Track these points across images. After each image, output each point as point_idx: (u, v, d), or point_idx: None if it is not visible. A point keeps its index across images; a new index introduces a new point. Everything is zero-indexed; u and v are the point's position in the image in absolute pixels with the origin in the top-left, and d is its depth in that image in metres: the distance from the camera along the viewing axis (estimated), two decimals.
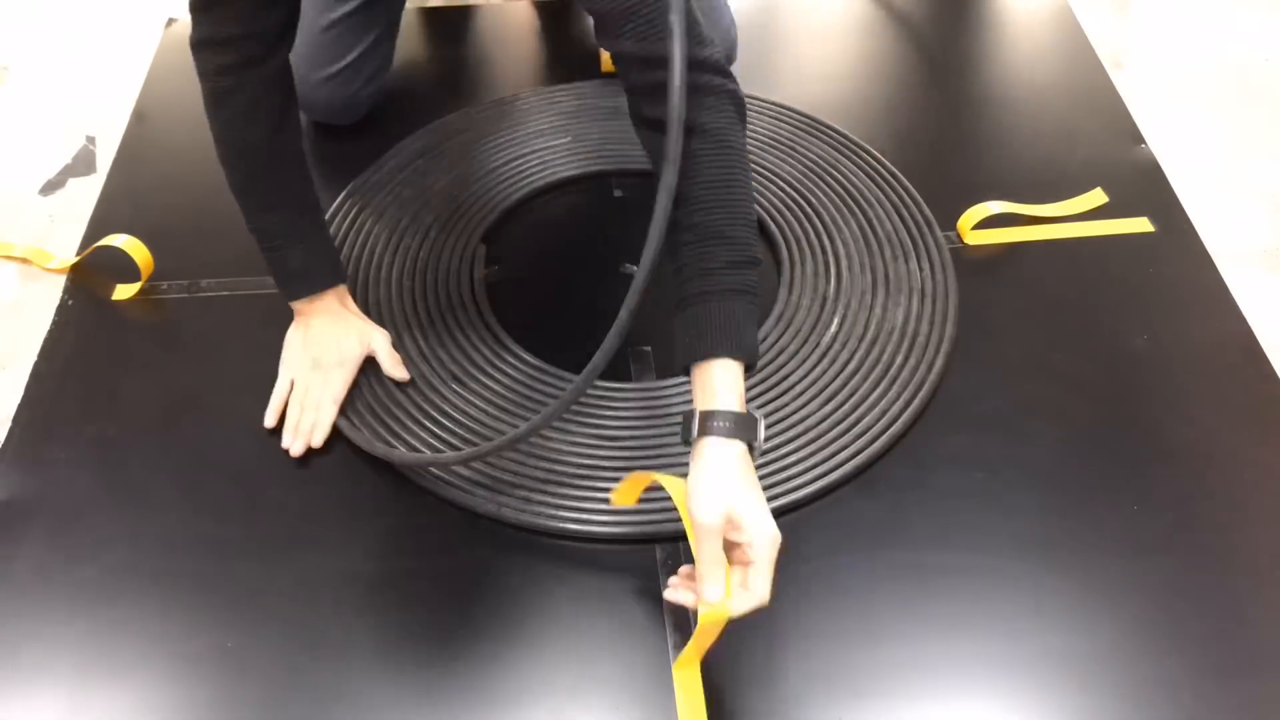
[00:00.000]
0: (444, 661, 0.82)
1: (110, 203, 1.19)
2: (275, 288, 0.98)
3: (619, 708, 0.79)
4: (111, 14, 1.50)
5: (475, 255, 1.11)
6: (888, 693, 0.80)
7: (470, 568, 0.87)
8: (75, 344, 1.05)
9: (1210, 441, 0.96)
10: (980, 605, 0.85)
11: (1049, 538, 0.89)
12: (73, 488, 0.93)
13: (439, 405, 0.97)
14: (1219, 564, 0.87)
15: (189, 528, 0.90)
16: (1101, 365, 1.02)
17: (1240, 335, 1.05)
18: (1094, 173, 1.21)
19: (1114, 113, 1.29)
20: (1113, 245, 1.13)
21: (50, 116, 1.34)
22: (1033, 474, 0.93)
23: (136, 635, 0.83)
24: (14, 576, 0.87)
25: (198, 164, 1.23)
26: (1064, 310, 1.07)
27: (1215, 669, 0.81)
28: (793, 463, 0.92)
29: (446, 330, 1.04)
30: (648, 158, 0.80)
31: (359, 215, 1.15)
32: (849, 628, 0.84)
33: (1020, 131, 1.27)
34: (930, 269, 1.09)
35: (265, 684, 0.81)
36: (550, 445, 0.94)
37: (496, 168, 1.20)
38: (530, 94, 1.29)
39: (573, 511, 0.89)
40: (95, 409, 0.99)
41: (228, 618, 0.84)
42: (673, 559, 0.87)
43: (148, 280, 1.09)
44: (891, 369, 1.00)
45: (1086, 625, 0.84)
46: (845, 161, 1.20)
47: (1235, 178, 1.26)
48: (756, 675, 0.81)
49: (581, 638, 0.83)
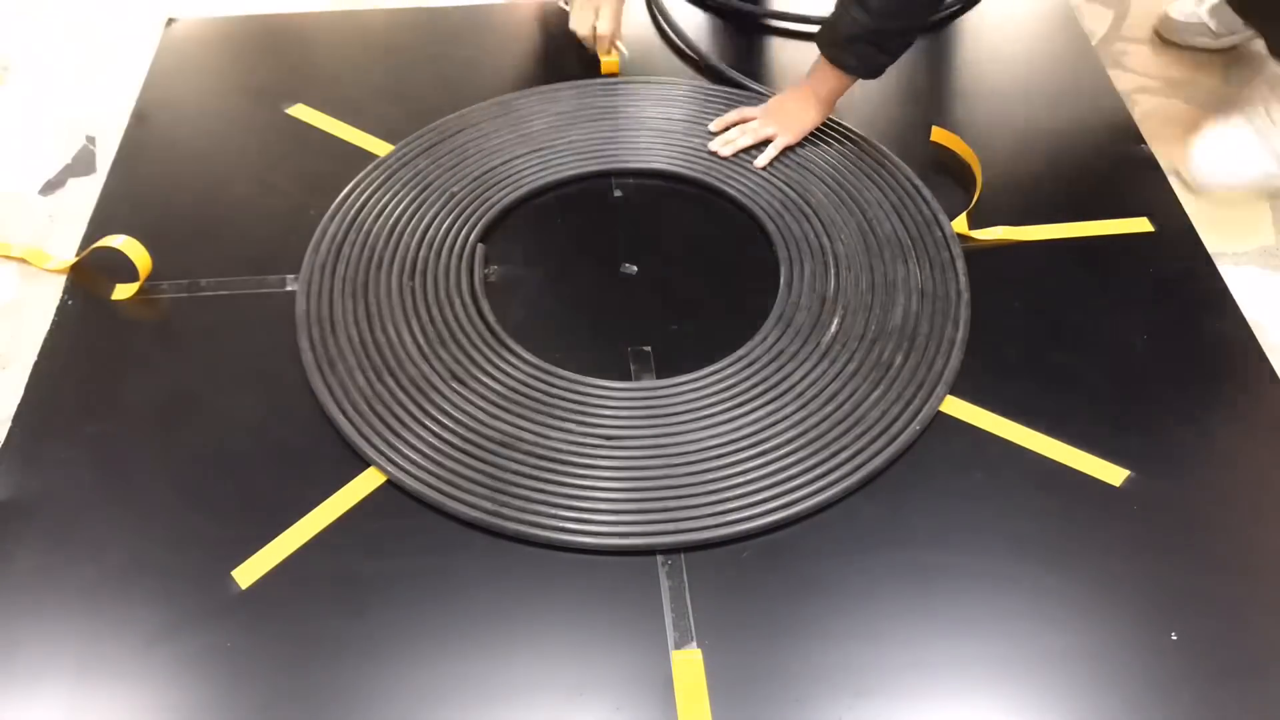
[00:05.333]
0: (443, 662, 0.82)
1: (110, 203, 1.19)
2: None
3: (619, 708, 0.79)
4: (111, 14, 1.50)
5: (475, 255, 1.11)
6: (888, 693, 0.80)
7: (470, 568, 0.87)
8: (75, 344, 1.05)
9: (1210, 441, 0.96)
10: (980, 605, 0.85)
11: (1049, 538, 0.89)
12: (73, 488, 0.93)
13: (439, 405, 0.97)
14: (1219, 564, 0.87)
15: (189, 528, 0.90)
16: (1101, 365, 1.02)
17: (1240, 335, 1.05)
18: (1094, 173, 1.22)
19: (1114, 113, 1.29)
20: (1113, 245, 1.13)
21: (50, 116, 1.34)
22: (1033, 474, 0.93)
23: (136, 635, 0.83)
24: (14, 576, 0.87)
25: (198, 164, 1.24)
26: (1064, 310, 1.07)
27: (1215, 669, 0.81)
28: (792, 462, 0.93)
29: (446, 330, 1.04)
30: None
31: (359, 215, 1.15)
32: (849, 628, 0.84)
33: (1020, 132, 1.27)
34: (930, 269, 1.09)
35: (265, 684, 0.81)
36: (550, 445, 0.94)
37: (496, 167, 1.20)
38: (530, 94, 1.29)
39: (573, 511, 0.89)
40: (95, 409, 0.99)
41: (228, 618, 0.84)
42: (672, 557, 0.88)
43: (147, 280, 1.09)
44: (891, 369, 1.00)
45: (1086, 625, 0.84)
46: (845, 161, 1.20)
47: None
48: (758, 675, 0.81)
49: (581, 638, 0.84)
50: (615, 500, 0.90)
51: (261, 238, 1.14)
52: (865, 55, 1.11)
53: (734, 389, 0.98)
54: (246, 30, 1.43)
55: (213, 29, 1.43)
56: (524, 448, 0.94)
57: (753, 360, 1.01)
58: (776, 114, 1.21)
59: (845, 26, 1.09)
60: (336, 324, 1.04)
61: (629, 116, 1.27)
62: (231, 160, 1.24)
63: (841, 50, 1.11)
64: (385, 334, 1.03)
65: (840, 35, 1.10)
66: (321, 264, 1.10)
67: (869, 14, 1.06)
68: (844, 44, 1.11)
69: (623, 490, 0.91)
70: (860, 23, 1.07)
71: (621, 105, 1.28)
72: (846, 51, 1.11)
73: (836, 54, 1.12)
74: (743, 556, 0.88)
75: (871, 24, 1.07)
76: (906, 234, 1.12)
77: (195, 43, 1.41)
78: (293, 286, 1.09)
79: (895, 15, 1.07)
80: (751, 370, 1.00)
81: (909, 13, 1.09)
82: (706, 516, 0.89)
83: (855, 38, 1.09)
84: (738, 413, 0.96)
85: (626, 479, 0.92)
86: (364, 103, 1.30)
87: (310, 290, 1.07)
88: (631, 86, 1.30)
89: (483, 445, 0.94)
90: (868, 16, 1.06)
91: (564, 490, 0.91)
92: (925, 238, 1.12)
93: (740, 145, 1.21)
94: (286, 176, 1.21)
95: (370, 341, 1.03)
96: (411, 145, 1.23)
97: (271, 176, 1.21)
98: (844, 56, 1.12)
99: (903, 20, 1.09)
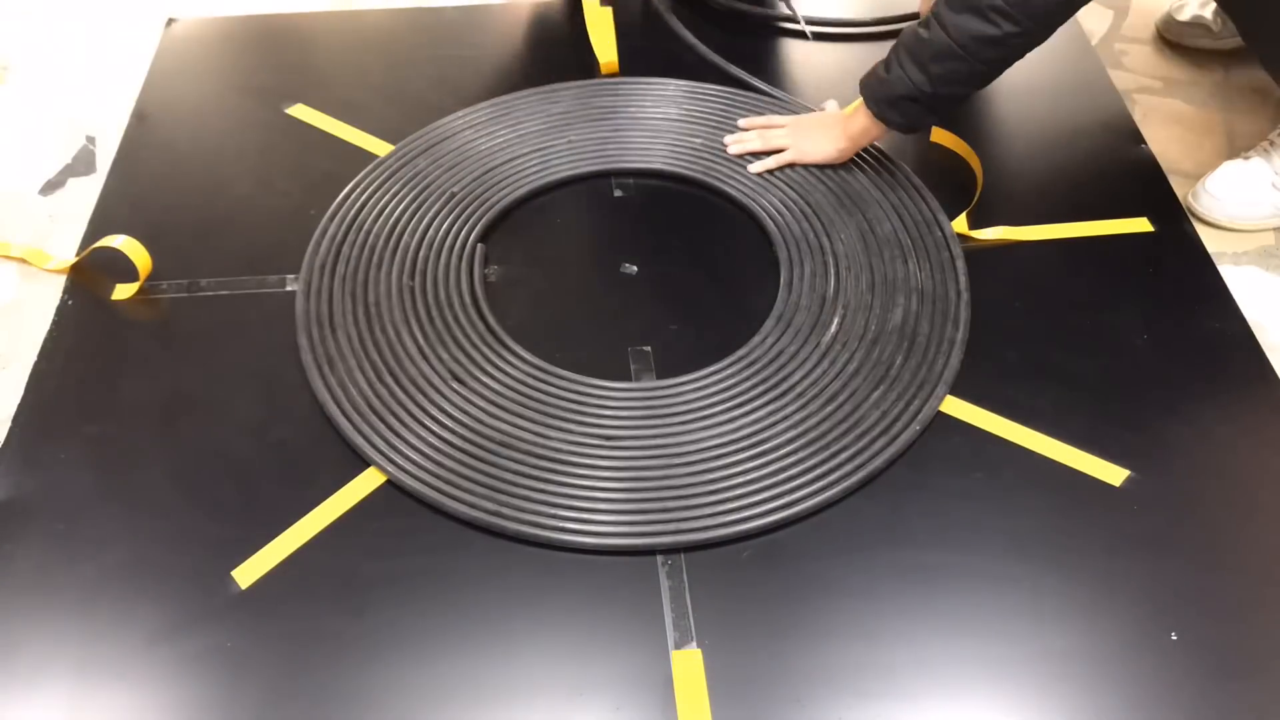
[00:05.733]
0: (443, 661, 0.82)
1: (110, 203, 1.19)
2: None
3: (619, 708, 0.79)
4: (111, 14, 1.50)
5: (475, 255, 1.11)
6: (888, 693, 0.80)
7: (470, 568, 0.87)
8: (75, 344, 1.05)
9: (1210, 441, 0.96)
10: (980, 605, 0.85)
11: (1049, 538, 0.89)
12: (73, 488, 0.93)
13: (439, 405, 0.97)
14: (1219, 564, 0.87)
15: (189, 528, 0.90)
16: (1101, 365, 1.02)
17: (1240, 335, 1.05)
18: (1094, 173, 1.22)
19: (1114, 113, 1.29)
20: (1113, 245, 1.13)
21: (50, 116, 1.34)
22: (1033, 474, 0.93)
23: (136, 635, 0.83)
24: (14, 576, 0.87)
25: (198, 164, 1.24)
26: (1064, 310, 1.07)
27: (1215, 669, 0.81)
28: (793, 463, 0.93)
29: (447, 330, 1.04)
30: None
31: (359, 215, 1.15)
32: (849, 628, 0.84)
33: (1020, 132, 1.27)
34: (930, 269, 1.09)
35: (265, 684, 0.81)
36: (550, 445, 0.94)
37: (496, 167, 1.20)
38: (530, 94, 1.29)
39: (573, 511, 0.89)
40: (95, 409, 0.99)
41: (228, 618, 0.84)
42: (672, 557, 0.88)
43: (147, 280, 1.09)
44: (891, 369, 1.00)
45: (1086, 625, 0.84)
46: (845, 161, 1.20)
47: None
48: (758, 675, 0.81)
49: (581, 638, 0.84)
50: (615, 500, 0.90)
51: (261, 238, 1.14)
52: (913, 114, 1.08)
53: (734, 389, 0.98)
54: (246, 30, 1.43)
55: (213, 29, 1.43)
56: (524, 448, 0.94)
57: (753, 360, 1.01)
58: (800, 132, 1.20)
59: (899, 86, 1.05)
60: (336, 324, 1.04)
61: (629, 116, 1.27)
62: (231, 160, 1.24)
63: (890, 108, 1.08)
64: (385, 334, 1.03)
65: (893, 94, 1.06)
66: (321, 264, 1.10)
67: (929, 80, 1.03)
68: (895, 102, 1.07)
69: (623, 490, 0.91)
70: (917, 85, 1.03)
71: (621, 105, 1.28)
72: (895, 109, 1.08)
73: (883, 110, 1.08)
74: (743, 556, 0.88)
75: (929, 89, 1.03)
76: (906, 234, 1.12)
77: (195, 43, 1.41)
78: (293, 286, 1.09)
79: (955, 83, 1.04)
80: (751, 370, 1.00)
81: (968, 83, 1.05)
82: (706, 516, 0.89)
83: (907, 98, 1.05)
84: (738, 413, 0.97)
85: (626, 479, 0.92)
86: (364, 103, 1.30)
87: (310, 290, 1.07)
88: (631, 86, 1.30)
89: (483, 445, 0.94)
90: (927, 80, 1.03)
91: (564, 490, 0.91)
92: (925, 238, 1.12)
93: (749, 148, 1.21)
94: (286, 176, 1.21)
95: (370, 341, 1.03)
96: (411, 145, 1.23)
97: (271, 176, 1.21)
98: (891, 114, 1.08)
99: (961, 88, 1.06)
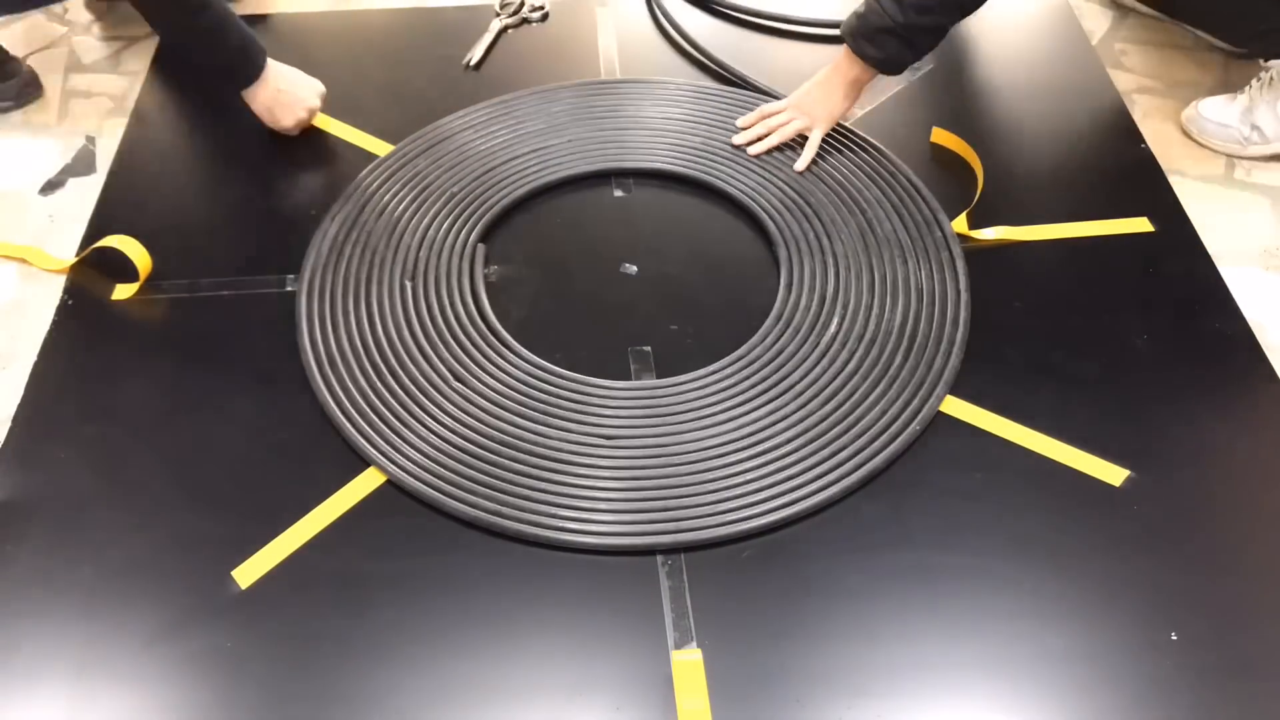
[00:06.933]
0: (443, 661, 0.82)
1: (110, 203, 1.19)
2: (227, 81, 1.18)
3: (619, 708, 0.79)
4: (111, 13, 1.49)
5: (475, 255, 1.11)
6: (888, 692, 0.80)
7: (470, 568, 0.87)
8: (75, 344, 1.05)
9: (1210, 441, 0.96)
10: (980, 605, 0.85)
11: (1049, 538, 0.89)
12: (73, 488, 0.93)
13: (439, 405, 0.97)
14: (1219, 564, 0.87)
15: (189, 528, 0.90)
16: (1101, 365, 1.02)
17: (1240, 335, 1.05)
18: (1094, 172, 1.22)
19: (1114, 113, 1.29)
20: (1113, 245, 1.13)
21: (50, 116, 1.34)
22: (1033, 474, 0.93)
23: (136, 635, 0.83)
24: (14, 576, 0.87)
25: (197, 164, 1.24)
26: (1064, 310, 1.07)
27: (1215, 669, 0.81)
28: (792, 462, 0.93)
29: (447, 330, 1.04)
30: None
31: (359, 215, 1.15)
32: (849, 628, 0.84)
33: (1020, 132, 1.27)
34: (930, 269, 1.09)
35: (265, 684, 0.81)
36: (550, 445, 0.94)
37: (496, 167, 1.20)
38: (530, 94, 1.29)
39: (573, 511, 0.89)
40: (95, 409, 0.99)
41: (228, 618, 0.84)
42: (672, 557, 0.88)
43: (147, 280, 1.09)
44: (891, 369, 1.00)
45: (1086, 625, 0.84)
46: (845, 161, 1.20)
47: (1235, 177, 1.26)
48: (758, 674, 0.81)
49: (581, 638, 0.84)
50: (615, 500, 0.90)
51: (261, 238, 1.14)
52: (891, 49, 1.09)
53: (734, 389, 0.98)
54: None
55: None
56: (524, 448, 0.94)
57: (753, 360, 1.01)
58: (805, 105, 1.20)
59: (875, 18, 1.07)
60: (337, 324, 1.04)
61: (629, 116, 1.27)
62: (231, 160, 1.24)
63: (868, 42, 1.10)
64: (385, 334, 1.03)
65: (869, 27, 1.08)
66: (321, 264, 1.10)
67: (902, 8, 1.05)
68: (871, 35, 1.09)
69: (623, 490, 0.91)
70: (891, 16, 1.06)
71: (621, 105, 1.28)
72: (873, 44, 1.09)
73: (861, 45, 1.10)
74: (743, 556, 0.88)
75: (903, 18, 1.05)
76: (906, 234, 1.12)
77: None
78: (293, 286, 1.09)
79: (929, 11, 1.06)
80: (751, 370, 1.00)
81: (943, 9, 1.07)
82: (706, 516, 0.89)
83: (884, 30, 1.07)
84: (738, 413, 0.97)
85: (626, 479, 0.92)
86: (364, 103, 1.30)
87: (310, 290, 1.07)
88: (631, 86, 1.30)
89: (483, 445, 0.94)
90: (900, 10, 1.05)
91: (564, 490, 0.91)
92: (925, 238, 1.12)
93: (773, 145, 1.21)
94: (286, 177, 1.21)
95: (370, 341, 1.03)
96: (411, 145, 1.23)
97: (271, 177, 1.21)
98: (869, 48, 1.10)
99: (935, 17, 1.07)
